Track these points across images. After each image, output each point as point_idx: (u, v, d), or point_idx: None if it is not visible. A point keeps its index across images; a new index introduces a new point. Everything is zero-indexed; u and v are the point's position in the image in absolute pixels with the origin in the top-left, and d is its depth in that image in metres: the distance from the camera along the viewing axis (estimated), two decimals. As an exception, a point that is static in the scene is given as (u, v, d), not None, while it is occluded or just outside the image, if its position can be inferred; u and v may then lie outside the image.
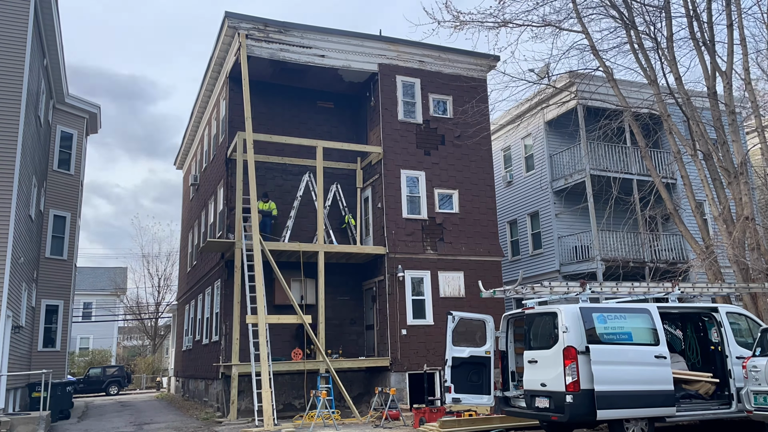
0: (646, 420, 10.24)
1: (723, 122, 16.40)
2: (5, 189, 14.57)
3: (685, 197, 18.76)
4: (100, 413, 22.16)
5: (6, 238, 14.38)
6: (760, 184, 24.12)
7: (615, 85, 17.54)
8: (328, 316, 19.09)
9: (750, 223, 14.92)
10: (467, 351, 12.25)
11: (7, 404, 15.76)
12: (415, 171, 19.85)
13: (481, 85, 21.41)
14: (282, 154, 20.32)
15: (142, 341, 55.24)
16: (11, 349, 15.81)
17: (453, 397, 12.10)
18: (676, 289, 11.96)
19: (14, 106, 15.03)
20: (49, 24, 17.53)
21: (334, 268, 19.69)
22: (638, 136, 17.72)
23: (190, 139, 28.39)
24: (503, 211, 25.60)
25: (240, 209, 17.95)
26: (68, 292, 22.80)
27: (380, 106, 19.96)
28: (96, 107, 24.13)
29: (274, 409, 14.95)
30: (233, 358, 16.97)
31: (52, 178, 22.17)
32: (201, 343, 22.38)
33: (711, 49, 16.13)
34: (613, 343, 10.30)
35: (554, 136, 24.47)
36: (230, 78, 20.02)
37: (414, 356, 18.24)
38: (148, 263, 49.30)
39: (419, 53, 20.69)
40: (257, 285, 16.29)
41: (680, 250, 23.23)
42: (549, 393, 10.32)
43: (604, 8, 17.28)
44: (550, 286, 11.52)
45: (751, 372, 10.13)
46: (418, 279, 19.01)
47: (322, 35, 19.61)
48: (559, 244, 23.28)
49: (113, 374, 36.46)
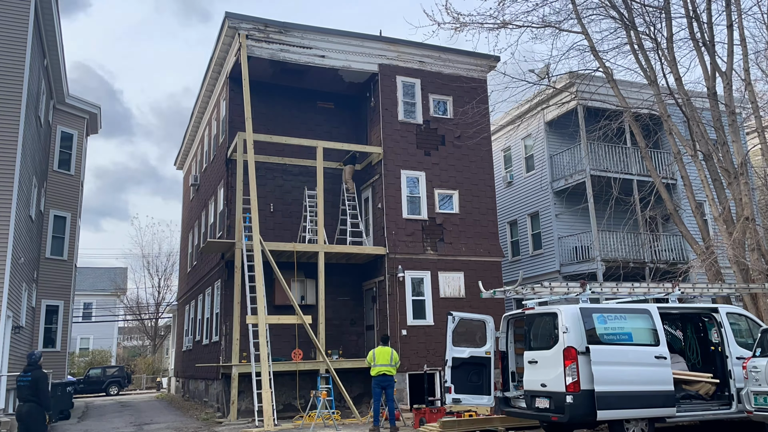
0: (647, 420, 10.23)
1: (723, 123, 16.39)
2: (5, 189, 14.56)
3: (685, 198, 18.77)
4: (100, 413, 22.16)
5: (6, 238, 14.37)
6: (760, 184, 24.10)
7: (615, 85, 17.54)
8: (328, 317, 19.10)
9: (750, 223, 14.92)
10: (467, 351, 12.24)
11: (7, 404, 15.75)
12: (415, 171, 19.85)
13: (481, 85, 21.42)
14: (282, 155, 20.33)
15: (142, 341, 55.23)
16: (11, 350, 15.80)
17: (453, 398, 12.09)
18: (677, 290, 11.96)
19: (14, 106, 15.02)
20: (49, 24, 17.53)
21: (335, 268, 19.69)
22: (638, 137, 17.72)
23: (190, 139, 28.40)
24: (503, 211, 25.60)
25: (240, 209, 17.95)
26: (68, 293, 22.78)
27: (380, 107, 19.97)
28: (96, 107, 24.12)
29: (275, 410, 14.96)
30: (233, 358, 16.98)
31: (52, 178, 22.16)
32: (201, 343, 22.38)
33: (711, 49, 16.13)
34: (614, 344, 10.30)
35: (554, 137, 24.47)
36: (230, 78, 20.03)
37: (414, 356, 18.23)
38: (148, 263, 49.37)
39: (419, 54, 20.70)
40: (257, 285, 16.30)
41: (680, 250, 23.22)
42: (549, 393, 10.32)
43: (604, 9, 17.28)
44: (550, 287, 11.52)
45: (751, 372, 10.13)
46: (418, 279, 19.02)
47: (322, 36, 19.62)
48: (559, 244, 23.28)
49: (113, 374, 36.46)
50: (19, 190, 15.13)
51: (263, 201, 19.34)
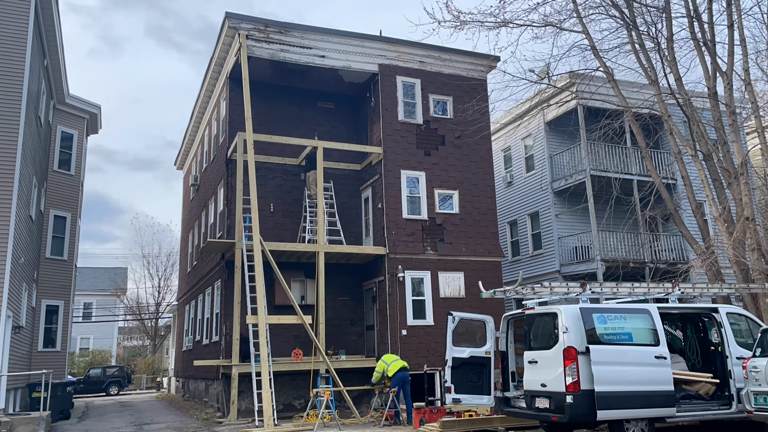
0: (647, 420, 10.23)
1: (723, 123, 16.39)
2: (5, 189, 14.57)
3: (685, 198, 18.75)
4: (101, 413, 22.16)
5: (6, 238, 14.38)
6: (760, 184, 24.08)
7: (615, 85, 17.53)
8: (329, 317, 19.09)
9: (750, 223, 14.91)
10: (467, 351, 12.24)
11: (8, 404, 15.76)
12: (415, 171, 19.85)
13: (482, 85, 21.41)
14: (282, 155, 20.34)
15: (143, 341, 55.23)
16: (11, 350, 15.81)
17: (453, 398, 12.09)
18: (677, 290, 11.95)
19: (15, 106, 15.03)
20: (50, 24, 17.53)
21: (335, 268, 19.69)
22: (638, 137, 17.71)
23: (190, 139, 28.40)
24: (503, 211, 25.59)
25: (240, 209, 17.95)
26: (68, 293, 22.80)
27: (380, 107, 19.96)
28: (96, 107, 24.13)
29: (275, 410, 14.95)
30: (233, 358, 16.98)
31: (52, 178, 22.17)
32: (201, 343, 22.38)
33: (711, 49, 16.12)
34: (614, 344, 10.30)
35: (554, 137, 24.47)
36: (231, 78, 20.03)
37: (414, 357, 18.21)
38: (149, 263, 49.37)
39: (419, 54, 20.69)
40: (257, 285, 16.29)
41: (680, 250, 23.22)
42: (549, 393, 10.32)
43: (604, 8, 17.29)
44: (550, 287, 11.52)
45: (751, 372, 10.13)
46: (418, 279, 19.01)
47: (323, 36, 19.61)
48: (559, 244, 23.27)
49: (113, 374, 36.46)
50: (19, 190, 15.14)
51: (263, 201, 19.33)
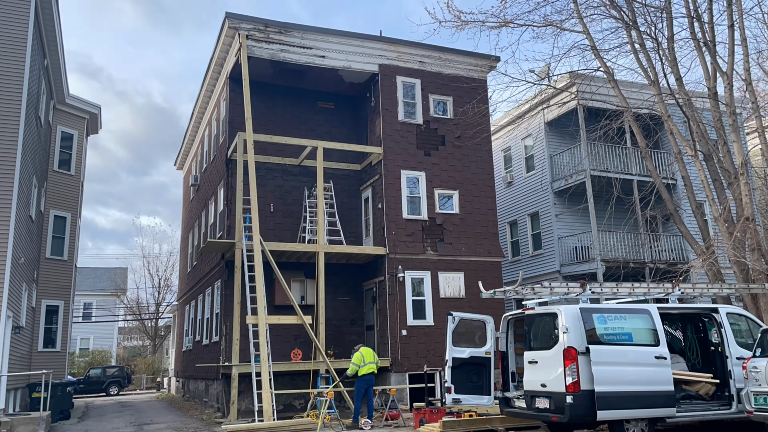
0: (647, 420, 10.22)
1: (723, 123, 16.39)
2: (5, 189, 14.56)
3: (685, 198, 18.75)
4: (101, 414, 22.16)
5: (6, 238, 14.38)
6: (760, 184, 24.09)
7: (615, 85, 17.53)
8: (328, 317, 19.09)
9: (750, 223, 14.91)
10: (467, 351, 12.23)
11: (8, 405, 15.75)
12: (415, 171, 19.85)
13: (482, 85, 21.41)
14: (282, 155, 20.34)
15: (143, 342, 55.22)
16: (11, 350, 15.81)
17: (453, 398, 12.08)
18: (677, 290, 11.95)
19: (15, 106, 15.03)
20: (50, 24, 17.53)
21: (335, 268, 19.69)
22: (639, 137, 17.71)
23: (190, 139, 28.40)
24: (503, 211, 25.59)
25: (240, 209, 17.95)
26: (68, 293, 22.79)
27: (380, 107, 19.96)
28: (96, 107, 24.12)
29: (275, 410, 14.95)
30: (233, 358, 16.98)
31: (52, 178, 22.16)
32: (201, 343, 22.38)
33: (712, 49, 16.12)
34: (614, 344, 10.28)
35: (554, 137, 24.46)
36: (231, 78, 20.03)
37: (414, 356, 18.23)
38: (149, 263, 49.37)
39: (419, 54, 20.69)
40: (257, 285, 16.29)
41: (680, 250, 23.21)
42: (549, 393, 10.31)
43: (605, 8, 17.29)
44: (550, 287, 11.50)
45: (751, 373, 10.12)
46: (418, 279, 19.01)
47: (323, 36, 19.61)
48: (559, 244, 23.27)
49: (113, 375, 36.46)
50: (19, 190, 15.14)
51: (263, 201, 19.34)
